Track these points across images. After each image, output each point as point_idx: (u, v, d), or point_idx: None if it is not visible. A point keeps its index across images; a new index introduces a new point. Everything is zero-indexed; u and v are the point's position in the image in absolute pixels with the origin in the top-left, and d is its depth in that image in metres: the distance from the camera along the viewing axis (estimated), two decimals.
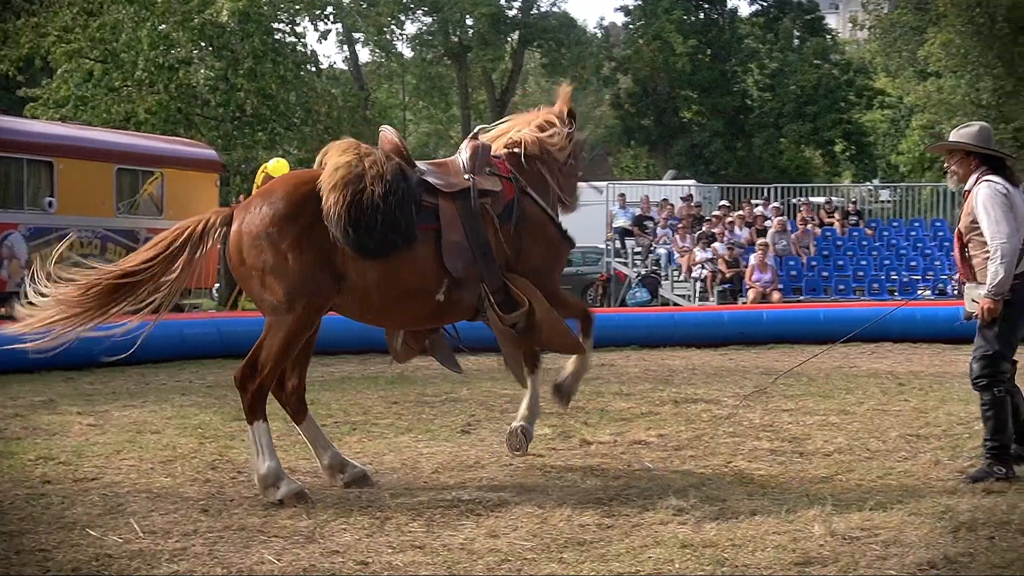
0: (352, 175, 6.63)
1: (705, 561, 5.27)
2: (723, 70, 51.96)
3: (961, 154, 7.61)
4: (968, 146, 7.55)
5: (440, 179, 7.07)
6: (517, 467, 7.50)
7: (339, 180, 6.59)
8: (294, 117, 26.80)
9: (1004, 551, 5.39)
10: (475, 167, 7.20)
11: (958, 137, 7.69)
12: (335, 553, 5.44)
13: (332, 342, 15.64)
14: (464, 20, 49.26)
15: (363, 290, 6.78)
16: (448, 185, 7.06)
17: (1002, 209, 7.21)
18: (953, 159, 7.68)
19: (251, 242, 6.66)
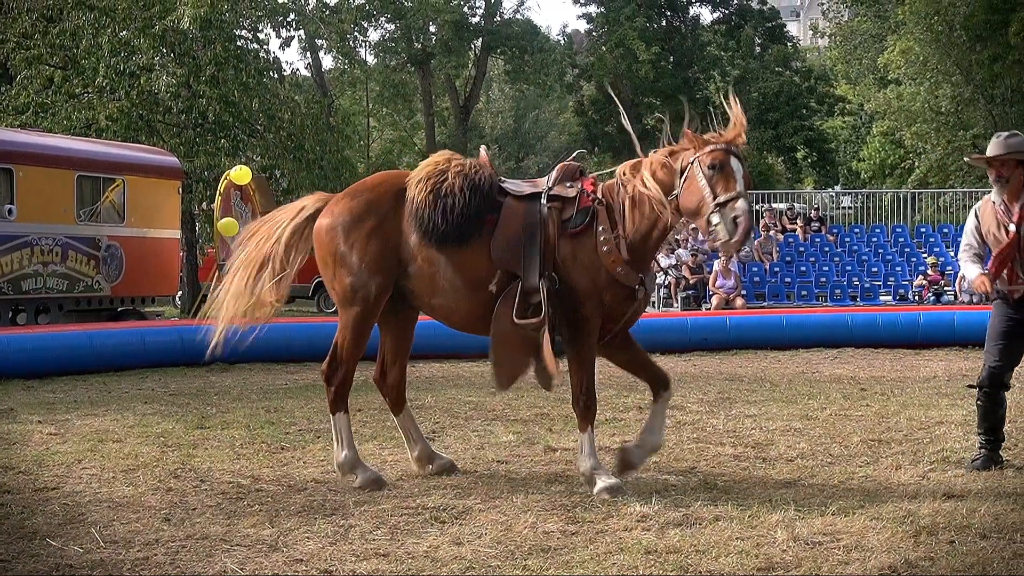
0: (437, 171, 7.18)
1: (669, 567, 5.28)
2: (686, 77, 52.16)
3: (1015, 163, 7.68)
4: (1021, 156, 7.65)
5: (516, 186, 7.35)
6: (481, 474, 7.50)
7: (425, 174, 7.17)
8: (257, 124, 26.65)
9: (964, 555, 5.43)
10: (557, 180, 7.28)
11: (1009, 147, 7.71)
12: (298, 562, 5.42)
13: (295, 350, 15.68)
14: (427, 27, 49.22)
15: (429, 277, 7.12)
16: (520, 189, 7.31)
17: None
18: (1007, 168, 7.70)
19: (327, 233, 7.27)
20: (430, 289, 7.18)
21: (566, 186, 7.23)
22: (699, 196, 6.83)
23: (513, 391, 11.88)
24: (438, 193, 7.03)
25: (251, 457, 8.15)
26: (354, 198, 7.31)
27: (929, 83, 39.10)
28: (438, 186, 7.06)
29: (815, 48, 65.77)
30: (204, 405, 11.05)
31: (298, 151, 26.34)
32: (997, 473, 7.52)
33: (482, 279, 7.06)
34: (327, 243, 7.27)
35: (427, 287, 7.18)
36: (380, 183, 7.48)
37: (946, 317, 18.65)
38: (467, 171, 7.16)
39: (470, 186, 7.07)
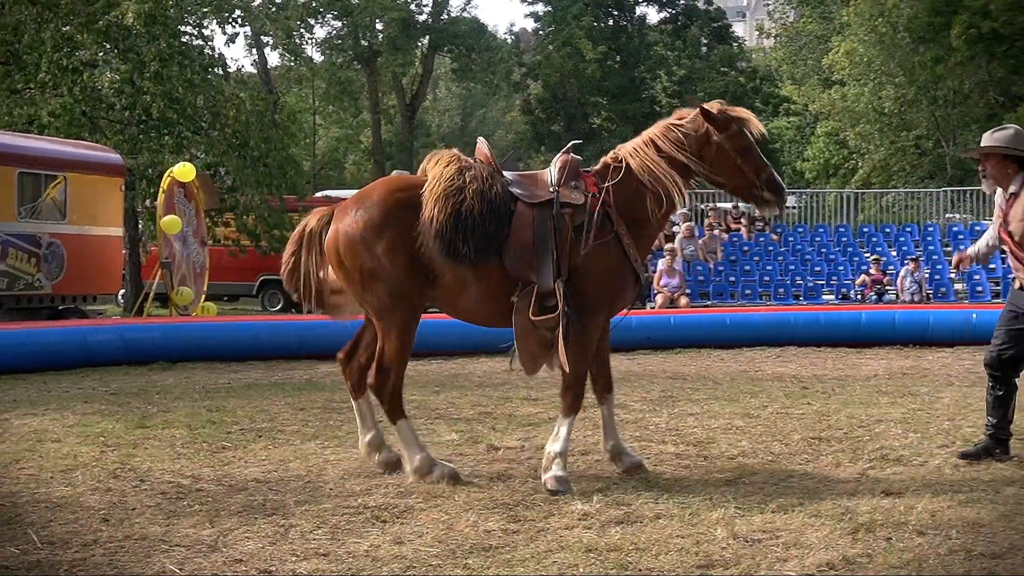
0: (454, 188, 7.01)
1: (609, 565, 5.30)
2: (632, 77, 52.41)
3: (998, 158, 7.75)
4: (1006, 150, 7.72)
5: (525, 191, 7.29)
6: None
7: (441, 193, 6.99)
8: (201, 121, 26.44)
9: (901, 551, 5.48)
10: (561, 180, 7.31)
11: (993, 141, 7.82)
12: (238, 562, 5.39)
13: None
14: (374, 25, 49.13)
15: (452, 290, 7.18)
16: (531, 196, 7.27)
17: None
18: (989, 163, 7.81)
19: (348, 246, 7.13)
20: (454, 297, 7.26)
21: (571, 187, 7.28)
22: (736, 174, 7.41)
23: (457, 389, 11.96)
24: (458, 216, 6.94)
25: (192, 457, 8.09)
26: (368, 209, 7.13)
27: (873, 84, 39.50)
28: (458, 207, 6.96)
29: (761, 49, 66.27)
30: (145, 404, 10.96)
31: (243, 148, 26.18)
32: (934, 470, 7.61)
33: (504, 290, 7.17)
34: (352, 259, 7.15)
35: (451, 296, 7.25)
36: (391, 192, 7.24)
37: (887, 316, 18.85)
38: (483, 187, 7.07)
39: (489, 206, 7.04)
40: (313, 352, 15.67)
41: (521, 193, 7.28)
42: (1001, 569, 5.21)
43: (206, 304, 21.31)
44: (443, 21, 50.53)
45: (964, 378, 13.51)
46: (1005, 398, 8.01)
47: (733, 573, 5.20)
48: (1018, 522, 6.05)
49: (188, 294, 20.00)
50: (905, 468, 7.68)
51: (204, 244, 21.75)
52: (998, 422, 8.02)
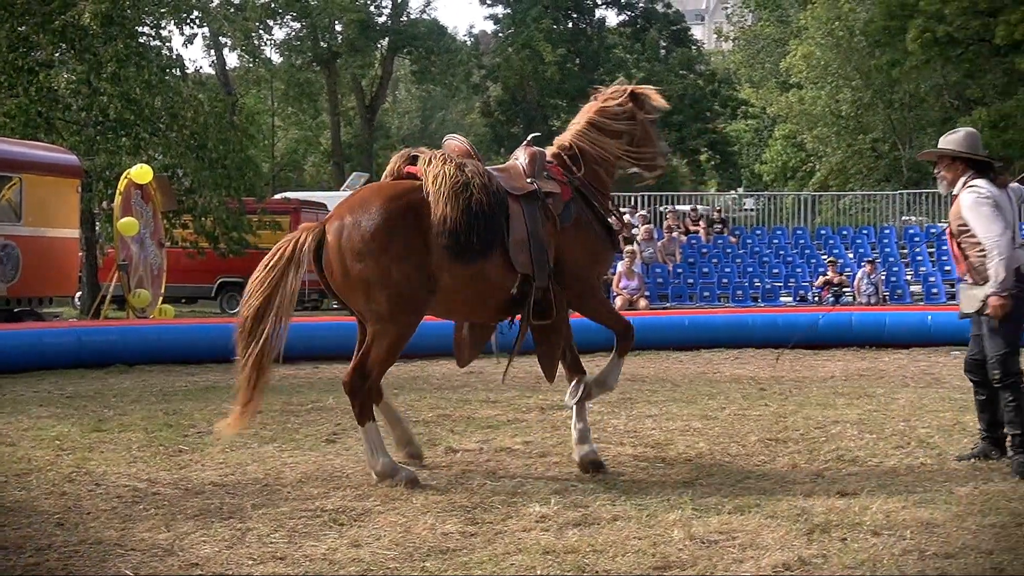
0: (460, 185, 7.19)
1: (567, 567, 5.32)
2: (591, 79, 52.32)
3: (948, 159, 7.92)
4: (953, 152, 7.88)
5: (508, 183, 7.55)
6: None
7: (449, 191, 7.14)
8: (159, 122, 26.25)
9: (856, 552, 5.53)
10: (535, 171, 7.66)
11: (945, 144, 8.00)
12: (194, 566, 5.37)
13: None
14: (333, 26, 49.01)
15: (453, 289, 7.29)
16: (516, 189, 7.54)
17: (989, 209, 7.58)
18: (941, 164, 7.99)
19: (354, 256, 7.08)
20: (452, 298, 7.39)
21: (545, 178, 7.66)
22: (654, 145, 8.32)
23: (415, 392, 11.95)
24: (469, 211, 7.14)
25: (148, 460, 8.04)
26: (371, 218, 7.11)
27: (830, 87, 39.78)
28: (468, 203, 7.16)
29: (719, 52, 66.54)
30: (101, 407, 10.87)
31: (201, 150, 26.02)
32: (889, 471, 7.67)
33: (504, 285, 7.42)
34: (356, 266, 7.10)
35: (449, 296, 7.35)
36: (391, 200, 7.23)
37: (844, 318, 18.96)
38: (484, 181, 7.31)
39: (494, 199, 7.30)
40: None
41: (507, 187, 7.52)
42: (954, 569, 5.26)
43: (163, 306, 21.19)
44: (402, 23, 50.49)
45: (920, 379, 13.62)
46: (989, 401, 8.07)
47: (690, 574, 5.23)
48: (971, 522, 6.11)
49: (145, 296, 19.88)
50: (860, 469, 7.74)
51: (161, 246, 21.63)
52: (988, 425, 8.09)
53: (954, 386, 12.77)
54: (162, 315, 20.50)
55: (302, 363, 15.25)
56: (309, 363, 15.29)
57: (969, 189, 7.73)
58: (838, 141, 40.21)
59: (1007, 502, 6.62)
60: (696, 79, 54.00)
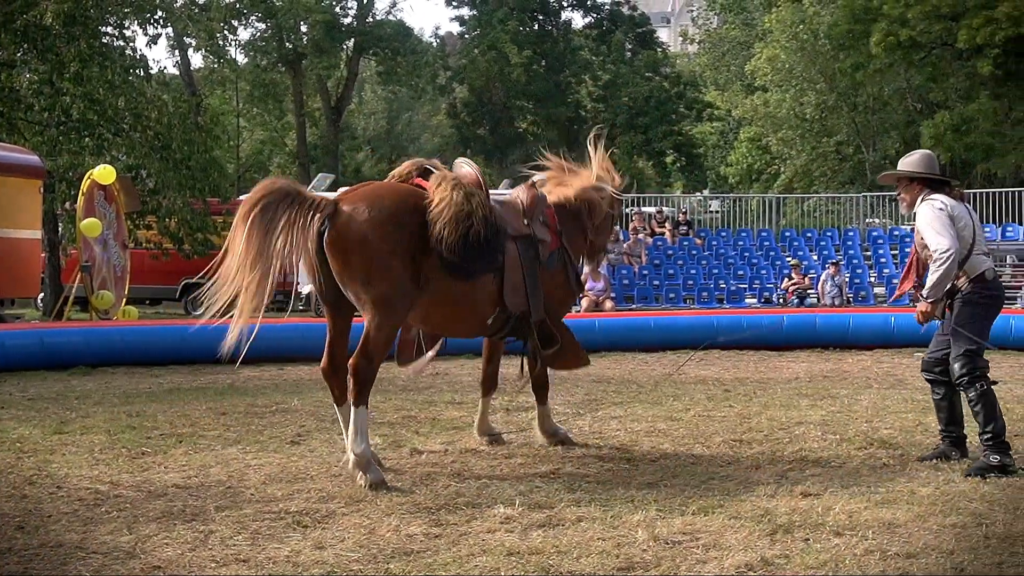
0: (464, 212, 7.51)
1: (531, 568, 5.32)
2: (557, 81, 52.53)
3: (906, 181, 8.18)
4: (910, 173, 8.14)
5: (508, 222, 8.06)
6: (346, 478, 7.44)
7: (453, 215, 7.46)
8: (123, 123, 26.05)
9: (818, 552, 5.56)
10: (533, 215, 8.25)
11: (903, 166, 8.27)
12: (156, 569, 5.34)
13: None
14: (298, 27, 48.81)
15: (433, 304, 7.71)
16: (515, 229, 8.11)
17: (940, 222, 7.78)
18: (901, 186, 8.26)
19: (358, 243, 7.33)
20: (429, 310, 7.79)
21: (540, 223, 8.26)
22: None
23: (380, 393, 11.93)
24: (466, 240, 7.47)
25: (110, 463, 7.99)
26: (377, 209, 7.41)
27: (794, 90, 39.98)
28: (466, 232, 7.47)
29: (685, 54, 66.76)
30: (64, 410, 10.80)
31: (165, 151, 25.85)
32: (852, 472, 7.71)
33: (485, 312, 7.95)
34: (357, 252, 7.34)
35: (427, 308, 7.74)
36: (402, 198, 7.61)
37: (808, 319, 19.06)
38: (487, 214, 7.66)
39: (491, 229, 7.66)
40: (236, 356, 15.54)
41: (508, 227, 8.01)
42: (915, 569, 5.30)
43: (127, 308, 21.05)
44: (368, 24, 50.34)
45: (883, 381, 13.70)
46: (944, 400, 8.15)
47: (653, 575, 5.24)
48: (932, 523, 6.15)
49: (108, 298, 19.75)
50: (824, 470, 7.78)
51: (125, 247, 21.51)
52: (947, 426, 8.17)
53: (917, 387, 12.85)
54: (125, 317, 20.36)
55: (267, 365, 15.21)
56: (274, 365, 15.24)
57: (926, 202, 7.96)
58: (802, 144, 40.42)
59: (968, 502, 6.67)
60: (662, 81, 54.07)
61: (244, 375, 14.08)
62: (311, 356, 15.79)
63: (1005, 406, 10.42)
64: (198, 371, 14.61)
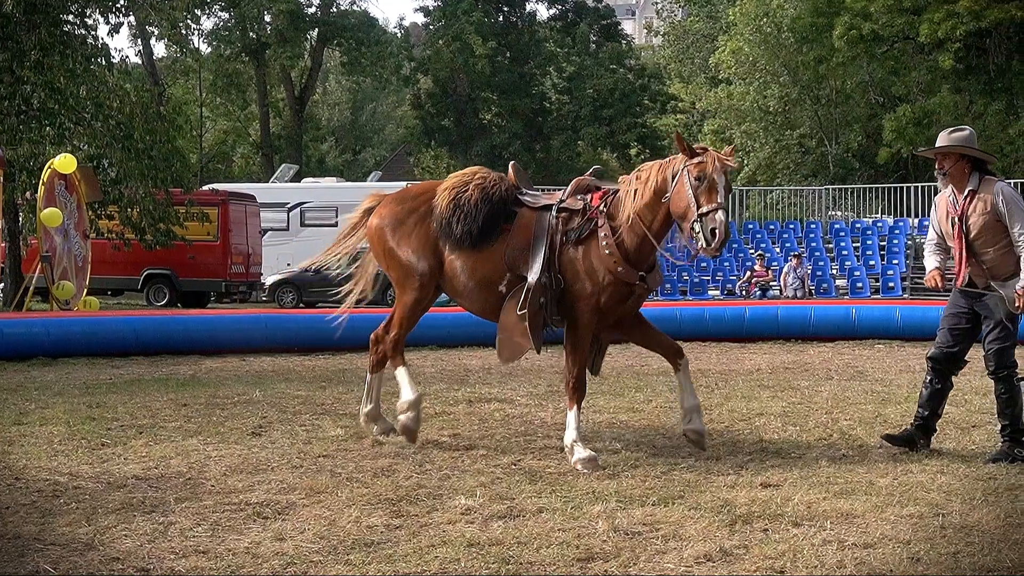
0: (459, 183, 8.33)
1: (491, 559, 5.33)
2: (522, 73, 52.58)
3: (956, 157, 8.00)
4: (967, 150, 7.98)
5: (533, 198, 8.38)
6: (307, 469, 7.43)
7: (449, 186, 8.37)
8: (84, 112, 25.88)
9: (776, 542, 5.59)
10: (570, 193, 8.30)
11: (952, 140, 8.05)
12: (115, 560, 5.31)
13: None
14: (262, 16, 48.61)
15: (453, 274, 8.36)
16: (535, 201, 8.33)
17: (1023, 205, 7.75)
18: (948, 161, 8.04)
19: (379, 232, 8.67)
20: (454, 284, 8.42)
21: (576, 199, 8.22)
22: (686, 203, 7.63)
23: (343, 385, 11.92)
24: (457, 203, 8.19)
25: (70, 454, 7.94)
26: (399, 204, 8.65)
27: (758, 83, 40.16)
28: (458, 197, 8.21)
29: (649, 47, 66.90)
30: (23, 401, 10.71)
31: (127, 140, 25.67)
32: (812, 462, 7.74)
33: (494, 280, 8.19)
34: (379, 241, 8.67)
35: (452, 282, 8.42)
36: (422, 192, 8.72)
37: (771, 311, 19.17)
38: (486, 184, 8.25)
39: (485, 199, 8.17)
40: (198, 347, 15.52)
41: (527, 200, 8.32)
42: (872, 559, 5.34)
43: (88, 298, 20.95)
44: (332, 14, 50.20)
45: (843, 372, 13.80)
46: (940, 393, 8.21)
47: (612, 566, 5.26)
48: (889, 513, 6.20)
49: (69, 288, 19.63)
50: (783, 461, 7.82)
51: (86, 237, 21.38)
52: (930, 414, 8.22)
53: (876, 379, 12.99)
54: (86, 307, 20.24)
55: (229, 356, 15.17)
56: (236, 356, 15.20)
57: (1001, 183, 7.91)
58: (766, 136, 40.61)
59: (925, 493, 6.73)
60: (626, 73, 54.21)
61: (206, 366, 14.03)
62: (274, 347, 15.83)
63: (964, 397, 10.60)
64: (159, 362, 14.54)
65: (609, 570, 5.21)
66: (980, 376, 11.06)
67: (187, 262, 29.76)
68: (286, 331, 16.59)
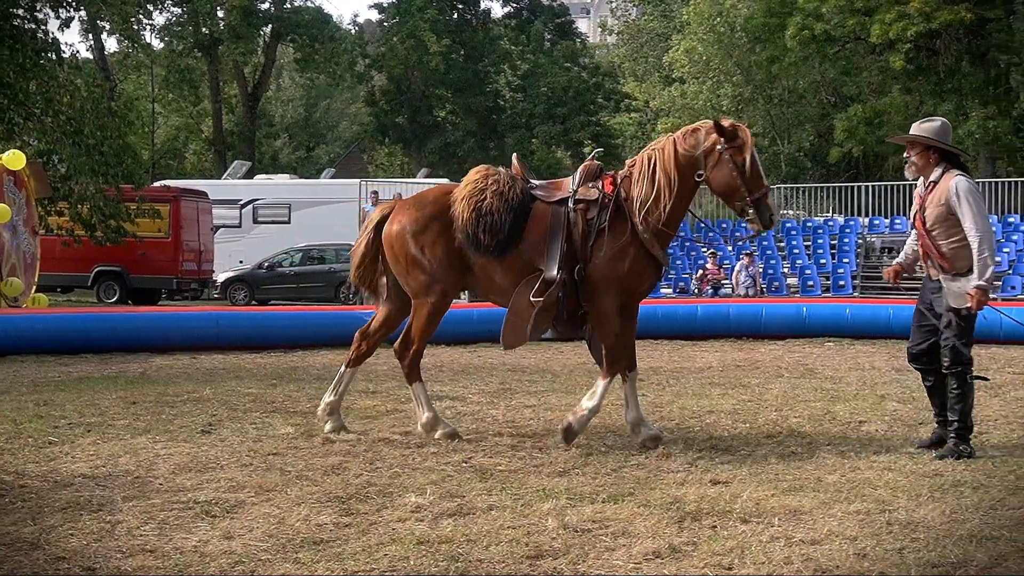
0: (475, 190, 8.24)
1: (440, 557, 5.32)
2: (476, 70, 52.57)
3: (922, 147, 8.03)
4: (932, 141, 8.00)
5: (545, 192, 8.45)
6: (257, 467, 7.39)
7: (466, 193, 8.26)
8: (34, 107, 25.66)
9: (725, 539, 5.62)
10: (580, 181, 8.41)
11: (920, 131, 8.10)
12: (60, 560, 5.26)
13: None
14: (215, 12, 48.32)
15: (486, 276, 8.39)
16: (549, 196, 8.42)
17: (980, 203, 7.79)
18: (913, 151, 8.09)
19: (399, 238, 8.44)
20: (489, 284, 8.46)
21: (589, 187, 8.36)
22: (732, 184, 8.07)
23: (294, 383, 11.88)
24: (479, 213, 8.14)
25: (16, 452, 7.86)
26: (419, 209, 8.48)
27: (711, 82, 40.38)
28: (479, 207, 8.16)
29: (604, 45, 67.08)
30: None
31: (77, 136, 25.48)
32: (761, 459, 7.79)
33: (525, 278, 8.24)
34: (400, 247, 8.43)
35: (484, 285, 8.51)
36: (439, 196, 8.53)
37: (722, 309, 19.27)
38: (502, 189, 8.23)
39: (507, 206, 8.19)
40: (148, 345, 15.41)
41: (540, 194, 8.41)
42: (819, 554, 5.37)
43: (37, 295, 20.73)
44: (286, 10, 49.97)
45: (794, 370, 13.89)
46: (937, 387, 8.24)
47: (562, 563, 5.26)
48: (837, 509, 6.25)
49: (18, 285, 19.42)
50: (733, 458, 7.86)
51: (35, 234, 21.16)
52: (940, 408, 8.25)
53: (827, 376, 13.09)
54: (35, 304, 20.04)
55: (179, 353, 15.07)
56: (187, 353, 15.11)
57: (960, 176, 7.90)
58: None
59: (872, 489, 6.78)
60: (580, 72, 54.30)
61: (156, 364, 13.94)
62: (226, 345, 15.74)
63: (912, 394, 10.71)
64: (109, 360, 14.43)
65: (558, 567, 5.22)
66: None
67: (138, 259, 29.55)
68: (238, 329, 16.51)
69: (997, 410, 10.18)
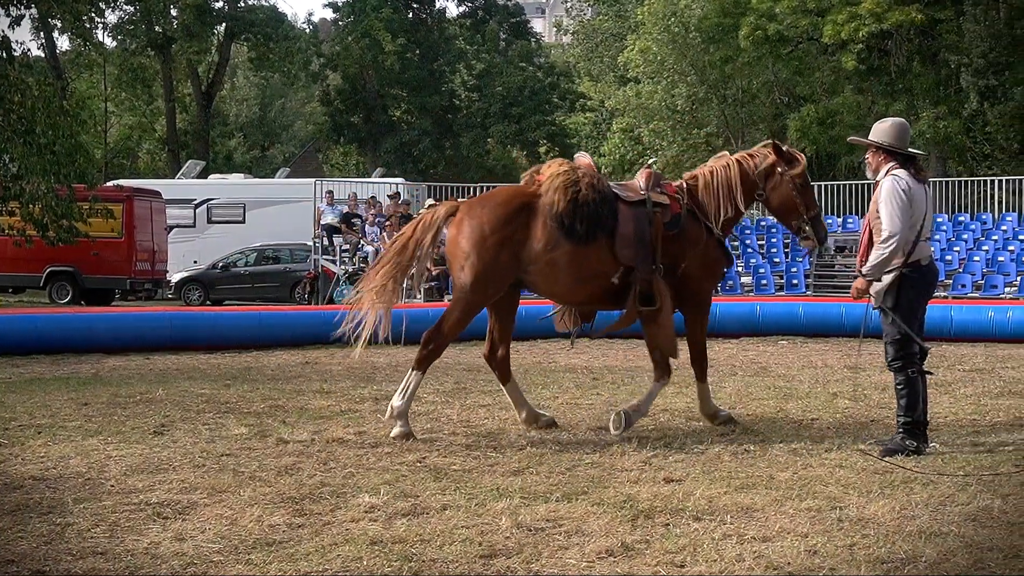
0: (571, 180, 8.64)
1: (393, 557, 5.32)
2: (431, 70, 52.50)
3: (872, 148, 8.25)
4: (877, 144, 8.18)
5: (624, 192, 8.91)
6: (209, 468, 7.36)
7: (561, 184, 8.61)
8: None
9: (677, 537, 5.65)
10: (648, 187, 8.97)
11: (874, 132, 8.28)
12: (9, 563, 5.21)
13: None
14: (168, 10, 47.98)
15: (554, 272, 8.60)
16: (628, 196, 8.88)
17: (899, 202, 7.88)
18: (869, 151, 8.33)
19: (465, 235, 8.61)
20: (553, 280, 8.70)
21: (658, 192, 8.95)
22: (790, 203, 9.14)
23: (248, 383, 11.84)
24: (576, 201, 8.52)
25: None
26: (488, 210, 8.65)
27: (666, 82, 40.48)
28: (576, 195, 8.54)
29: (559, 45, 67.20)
30: None
31: (28, 135, 25.19)
32: (714, 457, 7.84)
33: (606, 272, 8.71)
34: (463, 244, 8.59)
35: (550, 279, 8.70)
36: (511, 198, 8.78)
37: None
38: (594, 182, 8.71)
39: (602, 197, 8.67)
40: (101, 346, 15.30)
41: (621, 193, 8.86)
42: (771, 552, 5.41)
43: None
44: (240, 9, 49.70)
45: (747, 368, 13.97)
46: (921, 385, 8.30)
47: (515, 562, 5.28)
48: (788, 506, 6.29)
49: None
50: (686, 456, 7.90)
51: None
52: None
53: (779, 375, 13.17)
54: None
55: (132, 354, 14.97)
56: (140, 354, 15.01)
57: (890, 177, 8.01)
58: (673, 135, 40.96)
59: (824, 486, 6.84)
60: (535, 71, 54.38)
61: (109, 365, 13.84)
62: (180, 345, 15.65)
63: (863, 392, 10.80)
64: (61, 361, 14.31)
65: (511, 566, 5.23)
66: (880, 371, 11.29)
67: (91, 259, 29.33)
68: (192, 329, 16.43)
69: (947, 407, 10.29)
